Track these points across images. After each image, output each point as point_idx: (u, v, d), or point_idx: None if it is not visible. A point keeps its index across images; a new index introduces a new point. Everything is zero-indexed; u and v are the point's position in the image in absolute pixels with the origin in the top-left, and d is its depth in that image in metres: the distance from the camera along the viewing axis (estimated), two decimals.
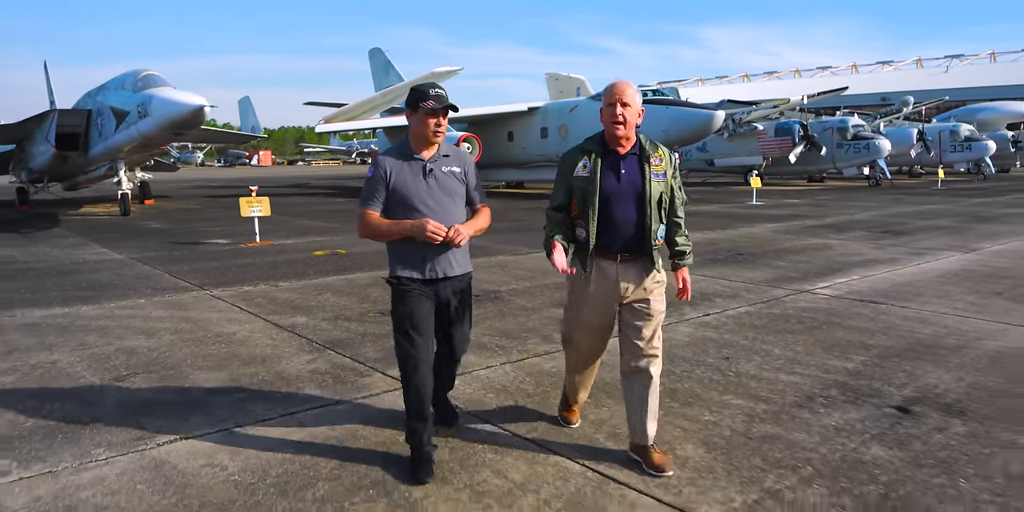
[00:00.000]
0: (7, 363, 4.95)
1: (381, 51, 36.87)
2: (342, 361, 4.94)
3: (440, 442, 3.49)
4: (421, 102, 3.16)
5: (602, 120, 3.22)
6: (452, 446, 3.52)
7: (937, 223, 14.26)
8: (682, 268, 3.38)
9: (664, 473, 3.14)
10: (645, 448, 3.25)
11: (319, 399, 4.18)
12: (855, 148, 31.10)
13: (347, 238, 12.21)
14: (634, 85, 3.23)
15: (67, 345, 5.40)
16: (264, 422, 3.83)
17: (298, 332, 5.74)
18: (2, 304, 6.95)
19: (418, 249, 3.22)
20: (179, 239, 12.50)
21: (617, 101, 3.14)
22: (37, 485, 3.12)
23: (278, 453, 3.43)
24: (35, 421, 3.86)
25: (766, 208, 18.48)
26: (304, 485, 3.11)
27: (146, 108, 14.37)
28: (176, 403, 4.13)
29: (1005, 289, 7.36)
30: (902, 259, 9.47)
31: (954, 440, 3.55)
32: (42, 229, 14.76)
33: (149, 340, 5.51)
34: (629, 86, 3.19)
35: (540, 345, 5.33)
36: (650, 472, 3.17)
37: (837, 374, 4.60)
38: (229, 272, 8.76)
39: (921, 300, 6.84)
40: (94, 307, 6.76)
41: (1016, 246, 10.77)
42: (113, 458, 3.38)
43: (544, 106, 25.94)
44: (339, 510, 2.89)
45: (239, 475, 3.21)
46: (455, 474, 3.22)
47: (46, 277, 8.59)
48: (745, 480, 3.12)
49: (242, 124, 46.79)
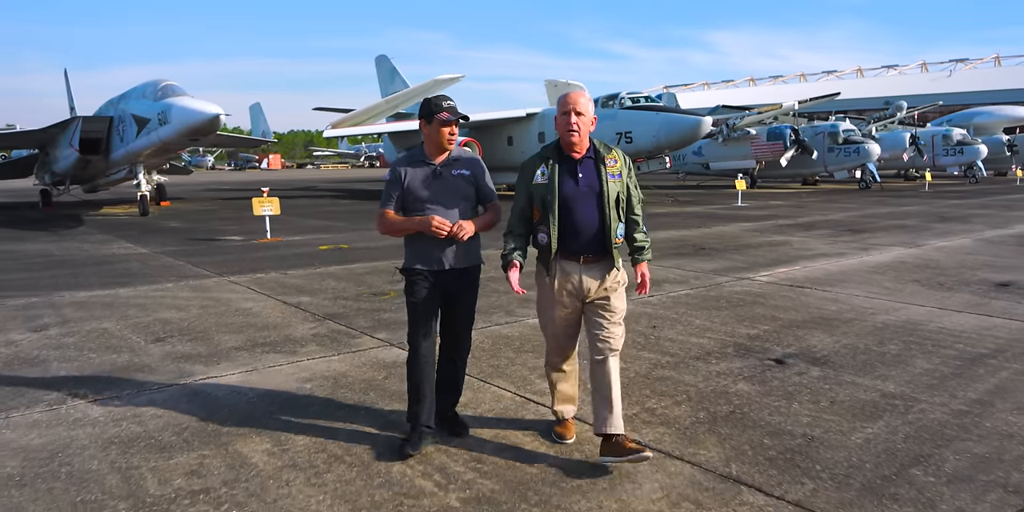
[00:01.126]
0: (66, 329, 6.07)
1: (387, 58, 38.08)
2: (338, 328, 6.04)
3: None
4: (436, 114, 3.48)
5: (557, 128, 3.41)
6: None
7: (901, 222, 15.24)
8: (641, 263, 3.51)
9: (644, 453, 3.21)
10: (612, 438, 3.29)
11: (319, 352, 5.28)
12: (845, 152, 32.00)
13: (350, 235, 13.33)
14: (587, 94, 3.44)
15: (112, 317, 6.52)
16: (274, 367, 4.93)
17: (303, 308, 6.85)
18: (51, 287, 8.09)
19: (428, 244, 3.53)
20: (196, 236, 13.65)
21: (571, 110, 3.32)
22: (108, 403, 4.22)
23: (285, 386, 4.52)
24: (97, 366, 4.97)
25: (748, 209, 19.49)
26: (305, 406, 4.19)
27: (166, 116, 15.59)
28: (206, 355, 5.24)
29: (923, 277, 8.38)
30: (848, 253, 10.50)
31: (806, 380, 4.61)
32: (69, 228, 15.95)
33: (179, 313, 6.64)
34: (582, 95, 3.37)
35: (503, 318, 6.41)
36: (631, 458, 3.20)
37: (740, 338, 5.66)
38: (243, 263, 9.89)
39: (843, 285, 7.88)
40: (129, 290, 7.89)
41: (961, 242, 11.76)
42: (163, 388, 4.50)
43: (542, 112, 27.04)
44: (329, 418, 3.97)
45: (256, 399, 4.30)
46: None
47: (82, 267, 9.74)
48: (632, 402, 4.19)
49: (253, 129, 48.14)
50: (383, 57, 38.20)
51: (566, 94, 3.40)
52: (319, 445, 3.61)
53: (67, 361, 5.11)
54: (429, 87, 27.95)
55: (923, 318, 6.27)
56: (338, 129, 31.32)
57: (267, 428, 3.83)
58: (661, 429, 3.81)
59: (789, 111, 32.21)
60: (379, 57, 38.29)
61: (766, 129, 32.26)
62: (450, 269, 3.57)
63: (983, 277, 8.34)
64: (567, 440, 3.63)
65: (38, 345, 5.56)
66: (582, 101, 3.34)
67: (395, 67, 37.51)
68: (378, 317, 6.40)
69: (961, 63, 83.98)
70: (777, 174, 34.12)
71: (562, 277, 3.40)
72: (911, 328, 5.93)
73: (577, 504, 2.99)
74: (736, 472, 3.27)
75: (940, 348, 5.31)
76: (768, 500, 3.01)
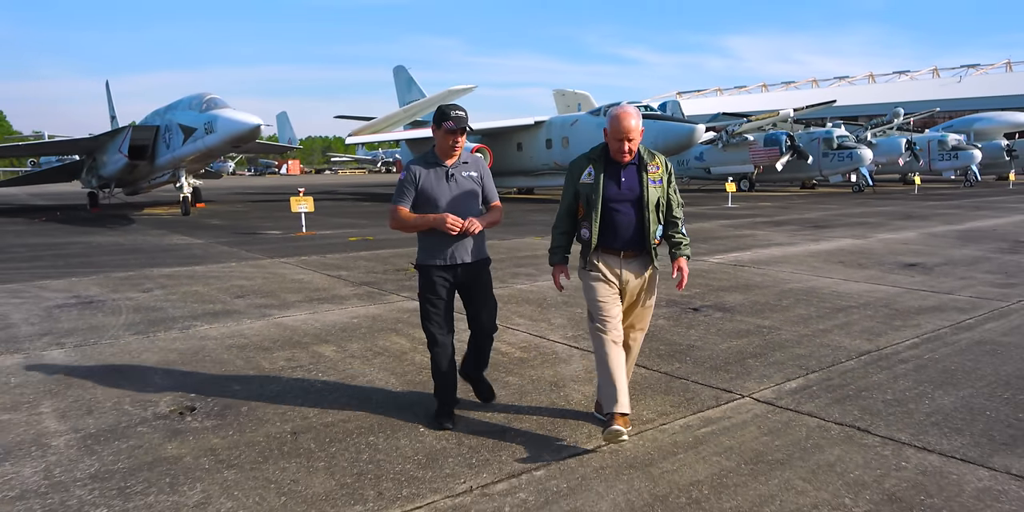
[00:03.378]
0: (167, 291, 8.02)
1: (404, 68, 40.21)
2: (371, 291, 7.95)
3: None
4: (443, 122, 3.71)
5: (610, 147, 3.62)
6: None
7: (866, 220, 16.96)
8: (680, 258, 3.76)
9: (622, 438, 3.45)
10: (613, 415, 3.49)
11: (359, 303, 7.19)
12: (839, 157, 33.65)
13: (375, 230, 15.28)
14: (636, 112, 3.59)
15: (198, 283, 8.48)
16: (329, 311, 6.84)
17: (343, 278, 8.77)
18: (139, 266, 10.07)
19: (440, 240, 3.77)
20: (239, 231, 15.66)
21: (623, 137, 3.54)
22: (219, 329, 6.15)
23: (339, 320, 6.43)
24: (201, 310, 6.90)
25: (735, 210, 21.24)
26: (354, 330, 6.09)
27: (213, 125, 17.66)
28: (278, 305, 7.16)
29: (848, 260, 10.16)
30: (799, 243, 12.29)
31: (708, 319, 6.45)
32: (124, 225, 18.02)
33: (249, 281, 8.59)
34: (631, 117, 3.53)
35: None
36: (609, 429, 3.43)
37: (673, 297, 7.49)
38: (287, 249, 11.85)
39: (778, 265, 9.68)
40: (203, 267, 9.86)
41: (906, 235, 13.48)
42: (254, 322, 6.42)
43: (549, 120, 28.92)
44: (372, 336, 5.86)
45: (320, 326, 6.21)
46: None
47: (154, 252, 11.73)
48: (562, 335, 6.04)
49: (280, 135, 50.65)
50: (400, 67, 40.33)
51: (620, 120, 3.53)
52: (367, 347, 5.51)
53: (178, 308, 7.06)
54: (444, 97, 30.00)
55: (824, 286, 8.08)
56: (359, 136, 33.48)
57: (331, 341, 5.74)
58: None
59: (786, 118, 33.95)
60: (397, 67, 40.42)
61: (763, 135, 34.00)
62: (461, 263, 3.83)
63: (898, 260, 10.11)
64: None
65: (151, 300, 7.52)
66: (633, 125, 3.52)
67: (412, 77, 39.62)
68: (401, 283, 8.31)
69: (972, 68, 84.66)
70: (775, 178, 35.80)
71: (604, 267, 3.68)
72: (809, 291, 7.75)
73: (525, 373, 4.85)
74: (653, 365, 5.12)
75: (822, 302, 7.12)
76: (650, 373, 4.86)
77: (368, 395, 4.42)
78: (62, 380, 4.77)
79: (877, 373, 4.77)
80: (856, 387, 4.48)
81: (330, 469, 3.35)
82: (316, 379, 4.75)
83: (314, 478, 3.25)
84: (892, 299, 7.25)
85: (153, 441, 3.70)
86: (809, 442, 3.63)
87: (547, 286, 8.09)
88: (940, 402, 4.20)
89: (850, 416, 3.98)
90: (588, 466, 3.37)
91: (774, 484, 3.17)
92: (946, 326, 6.07)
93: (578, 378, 4.74)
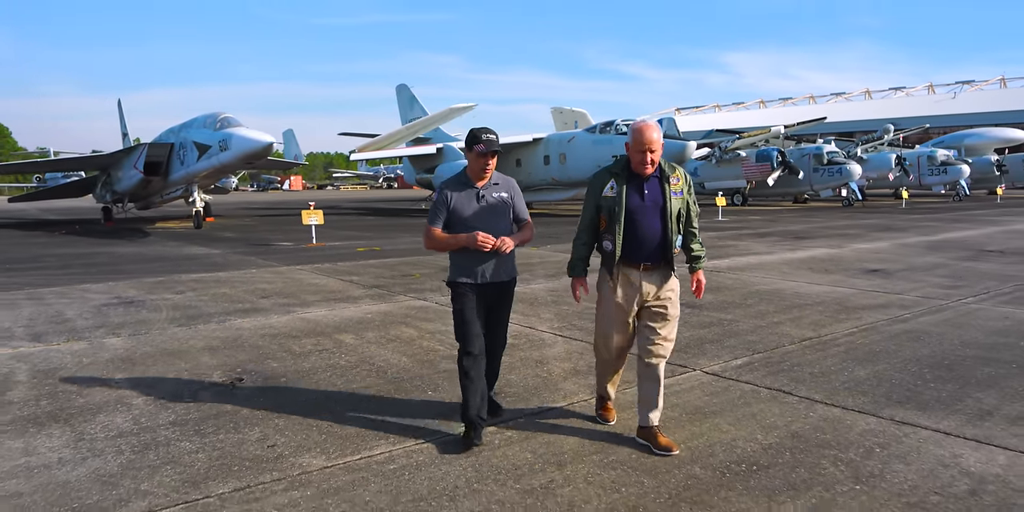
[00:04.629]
0: (198, 293, 8.93)
1: (407, 87, 41.37)
2: (381, 292, 8.85)
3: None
4: (475, 145, 3.81)
5: (632, 159, 3.71)
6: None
7: (847, 232, 17.88)
8: (698, 270, 3.91)
9: (672, 452, 3.62)
10: (650, 429, 3.74)
11: (371, 302, 8.10)
12: (829, 172, 34.66)
13: (380, 241, 16.21)
14: (656, 125, 3.74)
15: (224, 286, 9.39)
16: (345, 309, 7.75)
17: (355, 282, 9.69)
18: (166, 272, 10.99)
19: (472, 260, 3.87)
20: (252, 242, 16.59)
21: (647, 149, 3.63)
22: (252, 322, 7.05)
23: (354, 316, 7.33)
24: (232, 308, 7.80)
25: (724, 223, 22.17)
26: (369, 322, 6.99)
27: (227, 143, 18.68)
28: (299, 303, 8.07)
29: (817, 266, 11.07)
30: (777, 252, 13.20)
31: None
32: (142, 237, 18.95)
33: (270, 285, 9.50)
34: (654, 130, 3.65)
35: None
36: (658, 453, 3.63)
37: None
38: (301, 258, 12.78)
39: (751, 271, 10.59)
40: (226, 273, 10.78)
41: (879, 245, 14.39)
42: (280, 317, 7.33)
43: (547, 137, 29.96)
44: (384, 328, 6.76)
45: (339, 320, 7.11)
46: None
47: (178, 261, 12.66)
48: (558, 315, 6.94)
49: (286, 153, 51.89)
50: (403, 86, 41.50)
51: (642, 132, 3.65)
52: (381, 335, 6.41)
53: (211, 306, 7.96)
54: (445, 115, 31.19)
55: (788, 288, 8.99)
56: (363, 153, 34.51)
57: (349, 331, 6.64)
58: (573, 330, 6.58)
59: (778, 135, 35.03)
60: (399, 86, 41.60)
61: (755, 151, 35.05)
62: (492, 282, 3.92)
63: (863, 266, 11.02)
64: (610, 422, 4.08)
65: (186, 300, 8.43)
66: (655, 138, 3.64)
67: (414, 95, 40.77)
68: (408, 286, 9.22)
69: (967, 85, 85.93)
70: (769, 193, 36.81)
71: (624, 281, 3.76)
72: (774, 292, 8.65)
73: (515, 354, 5.74)
74: None
75: (781, 301, 8.03)
76: None
77: (384, 370, 5.32)
78: (126, 359, 5.67)
79: (812, 354, 5.67)
80: (790, 363, 5.38)
81: (358, 419, 4.24)
82: (340, 359, 5.65)
83: (346, 425, 4.15)
84: (845, 298, 8.16)
85: (214, 401, 4.60)
86: (740, 400, 4.53)
87: (539, 288, 8.99)
88: (856, 374, 5.10)
89: (779, 383, 4.88)
90: (564, 414, 4.27)
91: (706, 426, 4.06)
92: (884, 319, 6.97)
93: (559, 357, 5.64)
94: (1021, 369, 5.17)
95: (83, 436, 3.99)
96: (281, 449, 3.78)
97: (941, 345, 5.90)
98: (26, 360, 5.69)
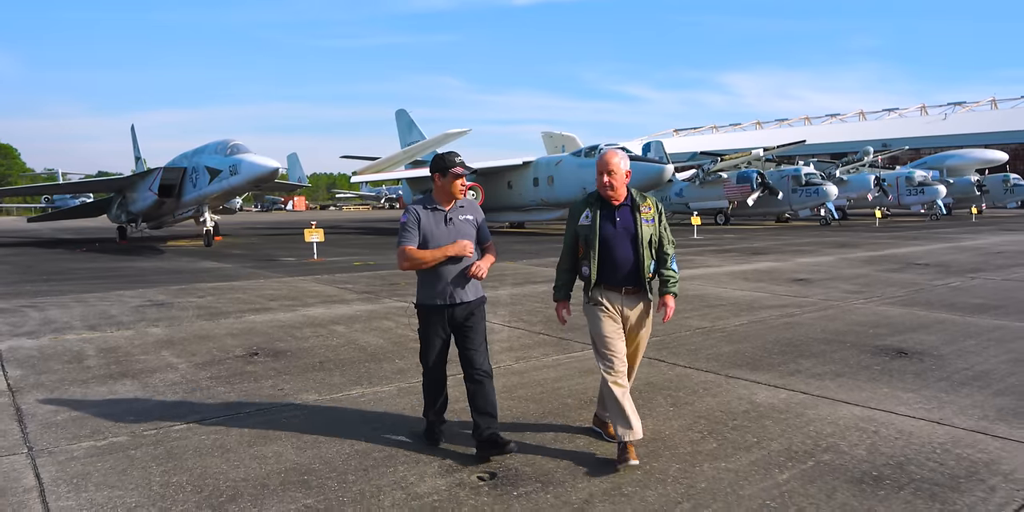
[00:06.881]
0: (217, 297, 10.61)
1: (406, 112, 43.42)
2: (371, 296, 10.53)
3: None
4: (450, 168, 3.98)
5: (597, 184, 3.96)
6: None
7: (804, 248, 19.50)
8: (667, 294, 4.05)
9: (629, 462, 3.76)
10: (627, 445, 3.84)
11: (362, 304, 9.77)
12: (807, 192, 36.40)
13: (375, 257, 17.91)
14: (620, 153, 3.96)
15: (238, 292, 11.07)
16: (340, 307, 9.41)
17: (349, 289, 11.37)
18: (186, 281, 12.67)
19: (438, 281, 4.01)
20: (259, 258, 18.30)
21: (604, 171, 3.89)
22: (264, 319, 8.71)
23: (346, 313, 8.99)
24: (247, 308, 9.47)
25: (697, 240, 23.84)
26: (358, 317, 8.64)
27: (237, 168, 20.51)
28: (301, 304, 9.74)
29: (753, 276, 12.70)
30: (726, 265, 14.84)
31: None
32: (157, 254, 20.68)
33: (277, 291, 11.19)
34: (615, 156, 3.90)
35: None
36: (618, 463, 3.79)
37: None
38: (303, 271, 14.48)
39: (692, 281, 12.21)
40: (238, 283, 12.47)
41: (822, 259, 16.00)
42: (285, 314, 9.00)
43: (536, 160, 31.77)
44: (369, 321, 8.41)
45: (334, 316, 8.77)
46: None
47: (194, 273, 14.35)
48: (523, 311, 8.59)
49: (290, 175, 53.97)
50: (402, 111, 43.55)
51: (602, 155, 3.97)
52: (366, 326, 8.07)
53: (229, 307, 9.63)
54: (441, 139, 33.11)
55: (713, 293, 10.63)
56: (363, 175, 36.42)
57: (341, 323, 8.30)
58: (538, 326, 8.22)
59: (759, 157, 36.85)
60: (399, 111, 43.65)
61: (736, 173, 36.87)
62: (460, 303, 4.03)
63: (792, 277, 12.65)
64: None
65: (207, 302, 10.10)
66: (614, 161, 3.88)
67: (412, 120, 42.78)
68: (395, 292, 10.90)
69: (959, 106, 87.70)
70: (750, 212, 38.54)
71: (607, 301, 3.97)
72: (699, 296, 10.30)
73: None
74: (551, 334, 7.67)
75: (701, 302, 9.66)
76: (550, 337, 7.38)
77: (364, 348, 6.98)
78: (167, 341, 7.34)
79: (697, 338, 7.32)
80: (676, 344, 7.03)
81: (343, 376, 5.89)
82: (331, 341, 7.30)
83: (334, 378, 5.79)
84: (756, 300, 9.80)
85: (238, 365, 6.26)
86: None
87: (504, 294, 10.64)
88: (722, 350, 6.74)
89: (660, 355, 6.52)
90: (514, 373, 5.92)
91: (588, 380, 5.70)
92: (776, 315, 8.61)
93: (502, 341, 7.29)
94: (851, 346, 6.80)
95: (147, 385, 5.65)
96: (287, 391, 5.44)
97: (803, 332, 7.54)
98: (90, 342, 7.36)
